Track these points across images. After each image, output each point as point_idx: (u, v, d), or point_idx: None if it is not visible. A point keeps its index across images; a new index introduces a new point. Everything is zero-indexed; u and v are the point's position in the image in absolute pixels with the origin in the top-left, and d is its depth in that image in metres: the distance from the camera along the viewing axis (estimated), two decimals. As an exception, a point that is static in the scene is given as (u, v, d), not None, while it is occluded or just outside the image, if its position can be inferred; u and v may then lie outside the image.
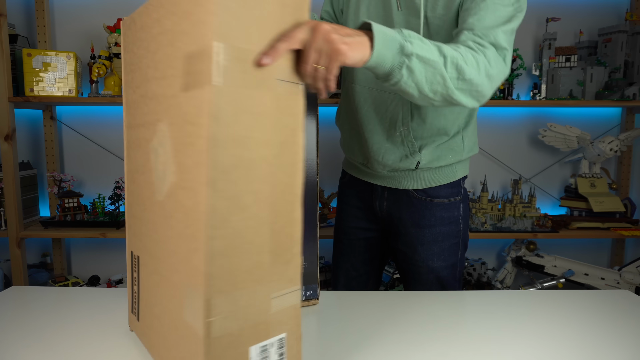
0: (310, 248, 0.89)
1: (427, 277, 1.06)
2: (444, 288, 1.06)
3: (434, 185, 1.04)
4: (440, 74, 0.75)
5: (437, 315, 0.83)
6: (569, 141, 2.04)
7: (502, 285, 2.10)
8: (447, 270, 1.06)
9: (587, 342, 0.73)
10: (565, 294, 0.94)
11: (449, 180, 1.05)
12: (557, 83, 2.02)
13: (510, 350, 0.70)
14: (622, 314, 0.84)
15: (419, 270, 1.06)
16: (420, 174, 1.03)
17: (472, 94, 0.80)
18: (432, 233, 1.04)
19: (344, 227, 1.19)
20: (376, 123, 1.03)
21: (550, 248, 2.23)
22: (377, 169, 1.06)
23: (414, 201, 1.05)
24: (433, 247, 1.04)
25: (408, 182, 1.04)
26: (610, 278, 1.99)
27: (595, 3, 2.14)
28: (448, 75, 0.76)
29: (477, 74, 0.78)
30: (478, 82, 0.79)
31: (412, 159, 1.01)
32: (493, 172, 2.23)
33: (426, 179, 1.04)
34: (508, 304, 0.89)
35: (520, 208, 2.01)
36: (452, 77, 0.76)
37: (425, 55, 0.72)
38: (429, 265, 1.05)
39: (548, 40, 2.03)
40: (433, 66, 0.74)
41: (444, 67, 0.75)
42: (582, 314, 0.84)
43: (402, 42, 0.70)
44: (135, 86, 0.68)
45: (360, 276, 1.18)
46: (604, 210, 2.00)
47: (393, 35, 0.70)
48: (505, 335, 0.75)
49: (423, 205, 1.04)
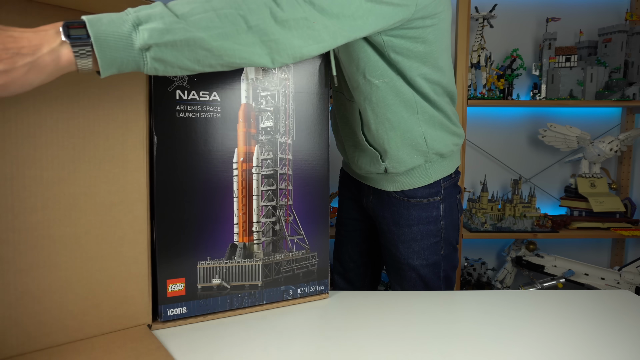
0: (321, 244, 0.89)
1: (409, 275, 1.07)
2: (427, 286, 1.07)
3: (409, 188, 1.03)
4: (202, 46, 0.58)
5: (437, 315, 0.83)
6: (569, 141, 2.04)
7: (502, 285, 2.10)
8: (428, 269, 1.06)
9: (587, 342, 0.73)
10: (565, 294, 0.94)
11: (423, 183, 1.03)
12: (557, 83, 2.02)
13: (510, 350, 0.70)
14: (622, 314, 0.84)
15: (401, 267, 1.07)
16: (393, 177, 1.03)
17: (262, 47, 0.63)
18: (411, 232, 1.04)
19: (342, 218, 1.23)
20: (347, 128, 1.06)
21: (550, 248, 2.23)
22: (356, 170, 1.09)
23: (394, 201, 1.05)
24: (413, 246, 1.05)
25: (385, 184, 1.05)
26: (610, 278, 1.99)
27: (595, 3, 2.14)
28: (214, 44, 0.59)
29: (264, 21, 0.62)
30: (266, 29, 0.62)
31: (378, 164, 1.00)
32: (493, 172, 2.23)
33: (401, 181, 1.03)
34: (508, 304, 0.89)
35: (520, 208, 2.01)
36: (219, 39, 0.59)
37: (165, 39, 0.56)
38: (410, 263, 1.06)
39: (548, 40, 2.03)
40: (186, 44, 0.57)
41: (201, 37, 0.58)
42: (582, 314, 0.84)
43: (128, 35, 0.54)
44: None
45: (358, 267, 1.22)
46: (604, 210, 2.00)
47: (113, 33, 0.53)
48: (506, 335, 0.75)
49: (402, 205, 1.04)
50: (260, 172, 0.81)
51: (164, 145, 0.73)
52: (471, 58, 2.02)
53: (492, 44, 2.11)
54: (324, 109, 0.86)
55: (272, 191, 0.83)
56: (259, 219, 0.82)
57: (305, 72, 0.84)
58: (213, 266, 0.79)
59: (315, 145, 0.86)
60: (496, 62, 2.13)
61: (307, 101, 0.84)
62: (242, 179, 0.80)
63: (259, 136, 0.80)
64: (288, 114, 0.83)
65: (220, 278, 0.79)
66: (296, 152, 0.84)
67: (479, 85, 2.13)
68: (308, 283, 0.88)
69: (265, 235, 0.83)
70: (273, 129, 0.82)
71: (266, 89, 0.80)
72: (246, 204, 0.81)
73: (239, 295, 0.81)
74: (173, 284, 0.76)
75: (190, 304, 0.77)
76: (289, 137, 0.83)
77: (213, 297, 0.79)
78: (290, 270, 0.86)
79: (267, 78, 0.80)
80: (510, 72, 2.03)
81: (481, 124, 2.18)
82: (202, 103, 0.75)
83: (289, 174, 0.84)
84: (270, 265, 0.84)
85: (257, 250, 0.82)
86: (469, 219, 2.05)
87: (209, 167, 0.77)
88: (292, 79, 0.82)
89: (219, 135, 0.77)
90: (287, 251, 0.85)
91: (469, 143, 2.18)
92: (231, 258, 0.80)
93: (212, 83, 0.75)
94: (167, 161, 0.74)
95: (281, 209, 0.84)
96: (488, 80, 2.03)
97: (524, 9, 2.13)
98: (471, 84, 2.02)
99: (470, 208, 2.08)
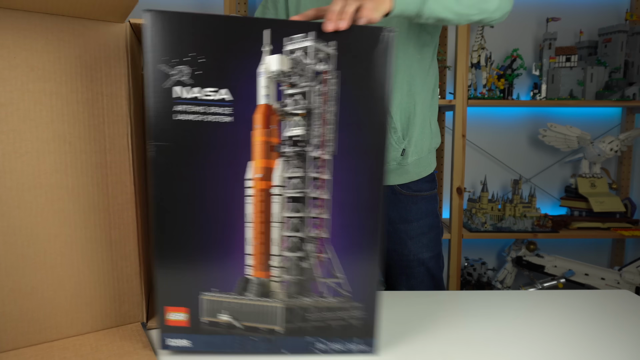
0: (369, 293, 0.66)
1: (417, 270, 1.10)
2: (433, 278, 1.12)
3: (416, 179, 1.09)
4: None
5: (437, 315, 0.82)
6: (569, 141, 2.03)
7: (502, 285, 2.09)
8: (434, 261, 1.12)
9: (587, 342, 0.73)
10: (566, 294, 0.94)
11: (428, 172, 1.10)
12: (557, 83, 2.02)
13: (510, 350, 0.70)
14: (622, 314, 0.84)
15: (409, 265, 1.10)
16: (403, 168, 1.07)
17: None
18: (420, 226, 1.09)
19: None
20: None
21: (551, 248, 2.23)
22: None
23: (400, 197, 1.09)
24: (422, 239, 1.10)
25: (394, 178, 1.07)
26: (611, 278, 1.98)
27: (595, 3, 2.14)
28: None
29: None
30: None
31: (398, 145, 1.02)
32: (493, 172, 2.23)
33: (410, 172, 1.07)
34: (508, 304, 0.88)
35: (521, 208, 2.01)
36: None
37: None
38: (420, 258, 1.10)
39: (548, 40, 2.03)
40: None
41: None
42: (582, 314, 0.84)
43: None
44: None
45: None
46: (604, 210, 2.00)
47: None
48: (506, 335, 0.75)
49: (409, 201, 1.09)
50: (284, 194, 0.64)
51: (161, 155, 0.60)
52: (471, 58, 2.01)
53: (492, 43, 2.11)
54: (381, 113, 0.62)
55: (299, 219, 0.65)
56: (280, 252, 0.65)
57: (354, 62, 0.60)
58: (219, 300, 0.65)
59: (364, 163, 0.63)
60: (496, 62, 2.13)
61: (356, 103, 0.62)
62: (258, 200, 0.63)
63: (283, 148, 0.63)
64: (326, 120, 0.62)
65: (229, 315, 0.66)
66: (335, 171, 0.63)
67: (479, 85, 2.13)
68: (345, 339, 0.67)
69: (289, 273, 0.66)
70: (304, 139, 0.62)
71: (295, 85, 0.61)
72: (263, 232, 0.64)
73: (252, 339, 0.66)
74: (173, 313, 0.65)
75: (195, 337, 0.66)
76: (325, 150, 0.63)
77: (221, 335, 0.66)
78: (320, 319, 0.67)
79: (296, 70, 0.60)
80: (511, 72, 2.02)
81: (481, 124, 2.18)
82: (207, 103, 0.60)
83: (325, 199, 0.64)
84: (294, 309, 0.66)
85: (276, 289, 0.66)
86: (469, 219, 2.05)
87: (217, 184, 0.62)
88: (333, 71, 0.61)
89: (229, 145, 0.61)
90: (317, 296, 0.66)
91: (469, 143, 2.17)
92: (242, 293, 0.65)
93: (221, 76, 0.59)
94: (165, 173, 0.61)
95: (311, 243, 0.65)
96: (488, 80, 2.02)
97: (524, 9, 2.12)
98: (471, 83, 2.02)
99: (470, 208, 2.07)
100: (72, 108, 0.66)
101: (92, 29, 0.66)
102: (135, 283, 0.74)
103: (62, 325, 0.69)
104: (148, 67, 0.58)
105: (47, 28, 0.63)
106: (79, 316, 0.70)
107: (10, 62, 0.61)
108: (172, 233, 0.63)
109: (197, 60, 0.58)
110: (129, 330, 0.73)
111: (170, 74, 0.59)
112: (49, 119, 0.64)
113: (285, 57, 0.60)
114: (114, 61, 0.68)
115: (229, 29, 0.58)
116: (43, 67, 0.63)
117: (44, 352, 0.65)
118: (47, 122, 0.64)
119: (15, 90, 0.61)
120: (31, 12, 0.61)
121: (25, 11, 0.61)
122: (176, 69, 0.59)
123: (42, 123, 0.64)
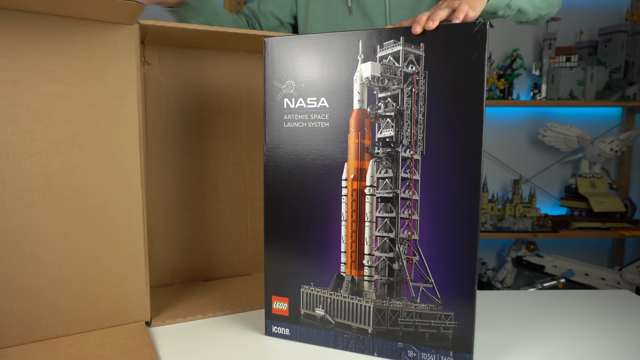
0: (462, 304, 0.63)
1: None
2: None
3: None
4: None
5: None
6: (569, 141, 2.04)
7: (502, 285, 2.10)
8: None
9: (587, 342, 0.74)
10: (565, 294, 0.95)
11: None
12: (557, 83, 2.02)
13: (509, 350, 0.71)
14: (622, 314, 0.84)
15: None
16: None
17: None
18: None
19: None
20: None
21: (551, 248, 2.23)
22: None
23: None
24: None
25: None
26: (611, 278, 1.99)
27: (596, 3, 2.14)
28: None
29: None
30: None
31: None
32: (493, 172, 2.23)
33: None
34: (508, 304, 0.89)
35: (521, 208, 2.02)
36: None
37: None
38: None
39: (548, 40, 2.04)
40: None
41: None
42: (582, 314, 0.84)
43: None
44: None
45: None
46: (604, 210, 2.01)
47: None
48: (505, 336, 0.76)
49: None
50: (375, 194, 0.65)
51: (272, 157, 0.70)
52: (472, 58, 2.02)
53: (492, 43, 2.12)
54: (477, 108, 0.60)
55: (390, 220, 0.65)
56: (371, 252, 0.66)
57: (444, 61, 0.61)
58: (317, 294, 0.70)
59: (460, 162, 0.62)
60: (496, 62, 2.13)
61: (446, 101, 0.61)
62: (352, 200, 0.66)
63: (375, 149, 0.65)
64: (416, 120, 0.62)
65: (324, 310, 0.69)
66: (426, 172, 0.63)
67: (480, 86, 2.13)
68: (437, 350, 0.64)
69: (380, 273, 0.66)
70: (394, 139, 0.64)
71: (386, 89, 0.63)
72: (356, 231, 0.67)
73: (345, 336, 0.68)
74: (277, 302, 0.72)
75: (293, 327, 0.72)
76: (415, 150, 0.63)
77: (316, 329, 0.70)
78: (411, 325, 0.65)
79: (387, 75, 0.63)
80: (511, 72, 2.03)
81: (482, 124, 2.19)
82: (309, 111, 0.67)
83: (415, 200, 0.63)
84: (384, 311, 0.66)
85: (367, 288, 0.67)
86: (469, 218, 2.05)
87: (316, 183, 0.68)
88: (423, 72, 0.62)
89: (327, 147, 0.67)
90: (408, 300, 0.65)
91: (469, 143, 2.18)
92: (337, 290, 0.68)
93: (321, 88, 0.67)
94: (275, 174, 0.70)
95: (402, 244, 0.65)
96: (488, 80, 2.03)
97: (525, 10, 2.13)
98: (472, 84, 2.02)
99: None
100: (81, 109, 0.67)
101: (102, 31, 0.67)
102: (141, 282, 0.75)
103: (67, 323, 0.70)
104: (266, 83, 0.69)
105: (58, 30, 0.63)
106: (84, 314, 0.71)
107: (21, 64, 0.62)
108: (281, 228, 0.71)
109: (302, 74, 0.67)
110: (133, 329, 0.73)
111: (281, 88, 0.69)
112: (58, 120, 0.65)
113: (377, 63, 0.63)
114: (123, 63, 0.69)
115: (324, 43, 0.66)
116: (53, 69, 0.64)
117: (49, 347, 0.66)
118: (57, 124, 0.65)
119: (26, 91, 0.62)
120: (42, 14, 0.62)
121: (36, 13, 0.62)
122: (286, 84, 0.68)
123: (52, 124, 0.65)
